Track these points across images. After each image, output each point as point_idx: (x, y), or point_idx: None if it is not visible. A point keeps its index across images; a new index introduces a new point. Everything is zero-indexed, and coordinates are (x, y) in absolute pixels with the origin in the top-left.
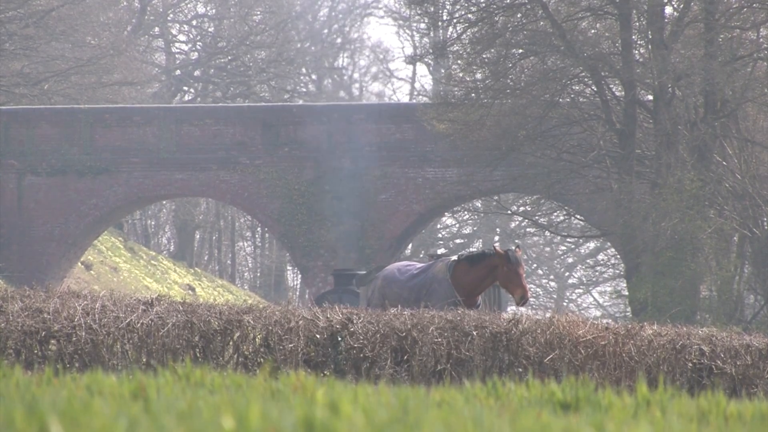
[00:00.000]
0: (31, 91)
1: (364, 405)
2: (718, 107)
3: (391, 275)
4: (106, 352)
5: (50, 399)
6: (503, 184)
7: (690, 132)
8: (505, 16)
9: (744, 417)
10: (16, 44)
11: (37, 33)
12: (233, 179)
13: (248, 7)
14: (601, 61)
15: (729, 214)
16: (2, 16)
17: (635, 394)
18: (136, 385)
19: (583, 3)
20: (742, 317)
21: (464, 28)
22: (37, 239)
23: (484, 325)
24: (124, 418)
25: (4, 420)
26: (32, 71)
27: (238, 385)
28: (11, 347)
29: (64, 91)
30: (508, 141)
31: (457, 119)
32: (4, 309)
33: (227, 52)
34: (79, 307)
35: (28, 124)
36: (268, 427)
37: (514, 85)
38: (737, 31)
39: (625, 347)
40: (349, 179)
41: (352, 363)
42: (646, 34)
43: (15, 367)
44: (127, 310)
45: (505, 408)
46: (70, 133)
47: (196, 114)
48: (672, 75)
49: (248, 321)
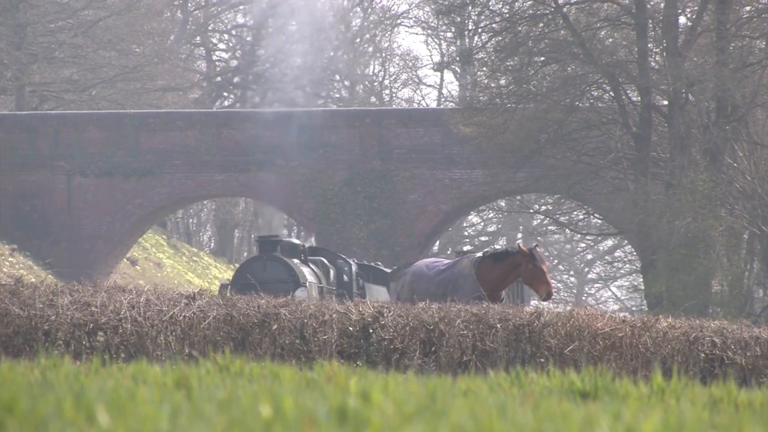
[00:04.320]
0: (80, 96)
1: (394, 394)
2: (729, 112)
3: (420, 271)
4: (150, 344)
5: (97, 388)
6: (526, 184)
7: (702, 135)
8: (528, 25)
9: (754, 405)
10: (66, 52)
11: (85, 42)
12: (270, 180)
13: (285, 17)
14: (618, 68)
15: (739, 214)
16: (52, 26)
17: (651, 384)
18: (178, 375)
19: (601, 13)
20: (751, 311)
21: (489, 37)
22: (85, 237)
23: (508, 318)
24: (168, 406)
25: (53, 408)
26: (81, 78)
27: (275, 375)
28: (61, 339)
29: (111, 96)
30: (530, 144)
31: (482, 123)
32: (54, 302)
33: (265, 60)
34: (125, 300)
35: (77, 128)
36: (303, 415)
37: (536, 90)
38: (747, 40)
39: (641, 339)
40: (379, 180)
41: (383, 354)
42: (661, 43)
43: (64, 357)
44: (170, 304)
45: (527, 397)
46: (117, 137)
47: (235, 118)
48: (685, 81)
49: (284, 314)
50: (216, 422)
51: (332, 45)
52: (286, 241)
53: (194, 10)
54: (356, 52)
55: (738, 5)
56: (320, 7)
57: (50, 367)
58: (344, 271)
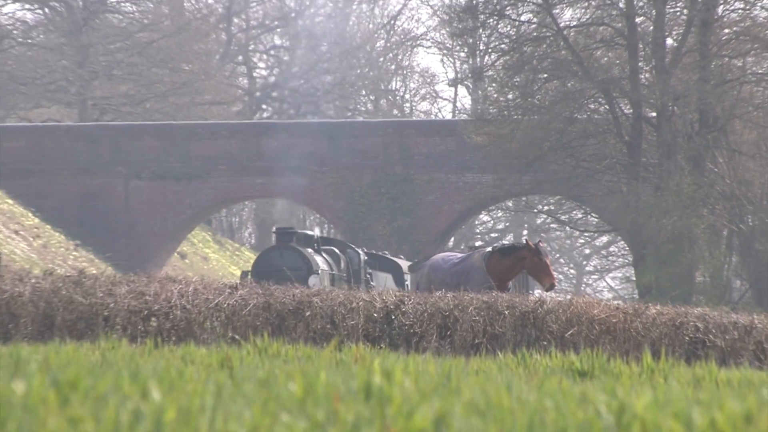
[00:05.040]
0: (136, 109)
1: (414, 373)
2: (710, 123)
3: (436, 264)
4: (197, 328)
5: (151, 367)
6: (530, 187)
7: (687, 143)
8: (532, 46)
9: (732, 382)
10: (123, 70)
11: (140, 61)
12: (304, 183)
13: (317, 39)
14: (612, 84)
15: (719, 213)
16: (112, 47)
17: (641, 364)
18: (222, 356)
19: (597, 36)
20: (730, 299)
21: (498, 57)
22: (140, 233)
23: (515, 306)
24: (212, 384)
25: (112, 385)
26: (136, 93)
27: (307, 356)
28: (119, 324)
29: (163, 109)
30: (534, 151)
31: (491, 133)
32: (113, 292)
33: (299, 77)
34: (176, 290)
35: (133, 137)
36: (333, 392)
37: (539, 104)
38: (726, 59)
39: (633, 324)
40: (401, 183)
41: (404, 337)
42: (650, 62)
43: (122, 340)
44: (216, 293)
45: (532, 375)
46: (168, 145)
47: (273, 129)
48: (672, 96)
49: (317, 302)
50: (255, 398)
51: (359, 63)
52: (300, 233)
53: (237, 33)
54: (380, 69)
55: (718, 28)
56: (348, 30)
57: (109, 348)
58: (353, 260)
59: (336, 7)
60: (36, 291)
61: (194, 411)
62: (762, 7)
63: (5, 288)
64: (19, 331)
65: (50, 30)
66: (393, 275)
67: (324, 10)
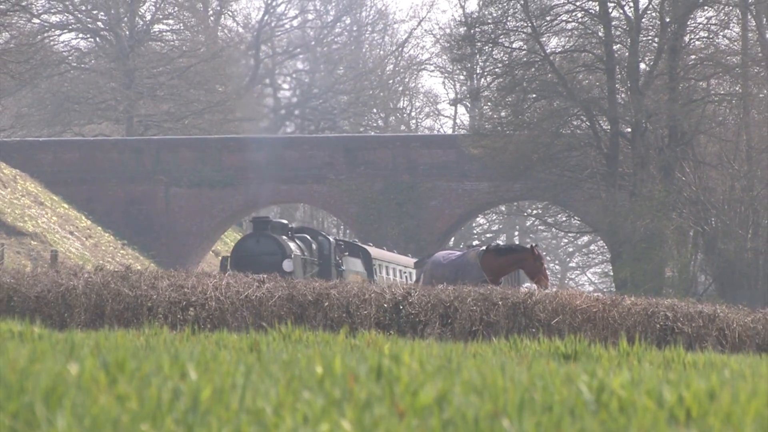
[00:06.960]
0: (175, 125)
1: (419, 356)
2: (678, 137)
3: (437, 261)
4: (229, 317)
5: (188, 351)
6: (521, 193)
7: (658, 156)
8: (523, 70)
9: (698, 364)
10: (165, 91)
11: (180, 83)
12: (323, 190)
13: (334, 63)
14: (592, 103)
15: (686, 216)
16: (155, 71)
17: (618, 348)
18: (251, 342)
19: (580, 61)
20: (695, 292)
21: (492, 79)
22: (180, 234)
23: (507, 297)
24: (243, 366)
25: (154, 366)
26: (176, 111)
27: (326, 341)
28: (161, 313)
29: (200, 125)
30: (524, 162)
31: (487, 146)
32: (156, 285)
33: (318, 97)
34: (210, 284)
35: (173, 150)
36: (348, 372)
37: (529, 120)
38: (693, 82)
39: (611, 313)
40: (407, 190)
41: (411, 325)
42: (626, 83)
43: (163, 328)
44: (245, 286)
45: (522, 358)
46: (204, 156)
47: (295, 142)
48: (645, 114)
49: (334, 294)
50: (280, 378)
51: (371, 85)
52: (275, 221)
53: (264, 58)
54: (390, 90)
55: (686, 54)
56: (362, 56)
57: (152, 335)
58: (324, 246)
59: (351, 36)
60: (88, 284)
61: (227, 389)
62: (724, 36)
63: (61, 282)
64: (74, 320)
65: (101, 56)
66: (362, 260)
67: (340, 38)
